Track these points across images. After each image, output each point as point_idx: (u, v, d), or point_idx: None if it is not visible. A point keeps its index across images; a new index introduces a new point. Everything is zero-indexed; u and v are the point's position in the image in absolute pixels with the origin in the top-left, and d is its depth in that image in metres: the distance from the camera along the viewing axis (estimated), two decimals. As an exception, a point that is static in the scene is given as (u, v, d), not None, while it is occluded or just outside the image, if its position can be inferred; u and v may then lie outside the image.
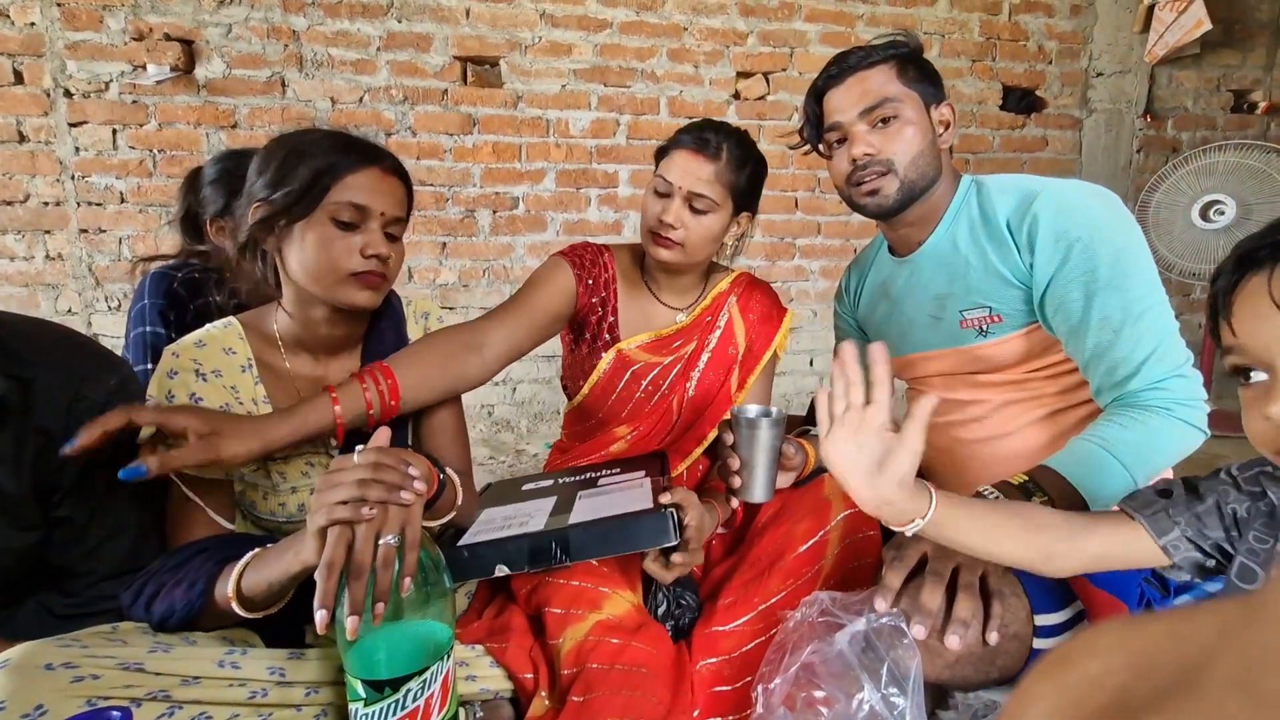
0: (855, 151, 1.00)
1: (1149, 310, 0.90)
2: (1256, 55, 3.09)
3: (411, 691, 0.70)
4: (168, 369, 0.88)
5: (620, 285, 1.23)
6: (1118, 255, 0.91)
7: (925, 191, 1.02)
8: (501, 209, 2.66)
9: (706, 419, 1.24)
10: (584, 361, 1.23)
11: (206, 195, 1.32)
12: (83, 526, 0.78)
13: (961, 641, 0.72)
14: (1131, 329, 0.89)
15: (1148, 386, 0.88)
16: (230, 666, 0.73)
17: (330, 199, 0.85)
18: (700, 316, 1.23)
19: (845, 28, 2.80)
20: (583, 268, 1.20)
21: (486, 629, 0.94)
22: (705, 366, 1.22)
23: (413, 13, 2.50)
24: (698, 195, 1.09)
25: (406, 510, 0.71)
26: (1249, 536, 0.66)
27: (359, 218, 0.87)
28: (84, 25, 2.30)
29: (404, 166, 0.95)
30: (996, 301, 0.99)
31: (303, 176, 0.84)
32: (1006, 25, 2.91)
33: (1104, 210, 0.94)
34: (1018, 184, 1.01)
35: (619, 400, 1.22)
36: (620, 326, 1.22)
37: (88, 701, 0.61)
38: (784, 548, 0.97)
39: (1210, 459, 0.82)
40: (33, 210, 2.36)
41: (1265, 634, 0.17)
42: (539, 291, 1.16)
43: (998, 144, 2.98)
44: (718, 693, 0.91)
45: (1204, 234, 2.61)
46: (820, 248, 2.93)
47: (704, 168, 1.09)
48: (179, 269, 1.32)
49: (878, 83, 0.99)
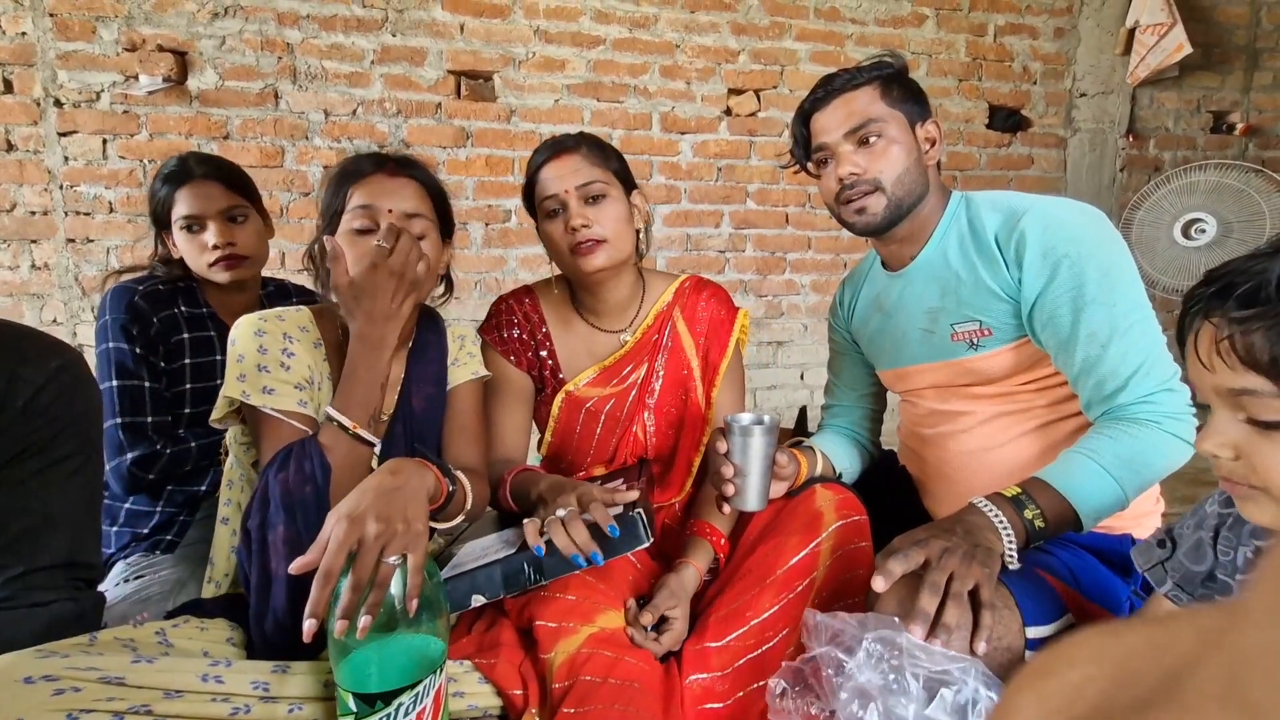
0: (841, 171, 1.02)
1: (1136, 325, 0.91)
2: (1235, 78, 3.16)
3: (403, 705, 0.69)
4: (253, 330, 0.92)
5: (553, 326, 1.19)
6: (1104, 271, 0.92)
7: (913, 208, 1.04)
8: (494, 222, 2.67)
9: (685, 443, 1.20)
10: (540, 410, 1.21)
11: (151, 202, 1.32)
12: (3, 516, 0.72)
13: (944, 646, 0.73)
14: (1119, 343, 0.90)
15: (1136, 400, 0.89)
16: (214, 681, 0.72)
17: (350, 208, 0.94)
18: (645, 337, 1.18)
19: (835, 47, 2.84)
20: (505, 341, 1.17)
21: (475, 644, 0.93)
22: (660, 392, 1.18)
23: (407, 27, 2.51)
24: (584, 184, 1.06)
25: (411, 534, 0.73)
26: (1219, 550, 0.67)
27: (371, 218, 0.94)
28: (76, 36, 2.30)
29: (423, 167, 1.01)
30: (986, 315, 1.00)
31: (330, 192, 0.96)
32: (992, 46, 2.97)
33: (1090, 227, 0.96)
34: (1006, 200, 1.03)
35: (581, 440, 1.20)
36: (563, 367, 1.18)
37: (68, 715, 0.60)
38: (775, 561, 0.97)
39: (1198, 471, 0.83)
40: (19, 219, 2.34)
41: (1247, 642, 0.17)
42: (499, 386, 1.17)
43: (985, 162, 3.03)
44: (708, 709, 0.90)
45: (1186, 251, 2.66)
46: (811, 262, 2.96)
47: (572, 161, 1.07)
48: (139, 282, 1.31)
49: (862, 103, 1.01)
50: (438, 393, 1.05)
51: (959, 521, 0.83)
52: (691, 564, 1.04)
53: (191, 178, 1.29)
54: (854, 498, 1.03)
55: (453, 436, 1.08)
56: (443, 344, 1.09)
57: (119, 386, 1.23)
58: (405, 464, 0.83)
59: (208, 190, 1.29)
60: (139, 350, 1.25)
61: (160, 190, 1.30)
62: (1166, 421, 0.88)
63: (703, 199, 2.82)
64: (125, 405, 1.23)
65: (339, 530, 0.72)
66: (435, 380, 1.05)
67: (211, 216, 1.29)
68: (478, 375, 1.11)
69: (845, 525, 0.99)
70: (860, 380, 1.28)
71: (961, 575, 0.76)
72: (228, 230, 1.30)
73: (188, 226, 1.29)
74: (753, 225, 2.88)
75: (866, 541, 1.01)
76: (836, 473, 1.20)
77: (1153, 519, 1.03)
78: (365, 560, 0.70)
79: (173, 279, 1.34)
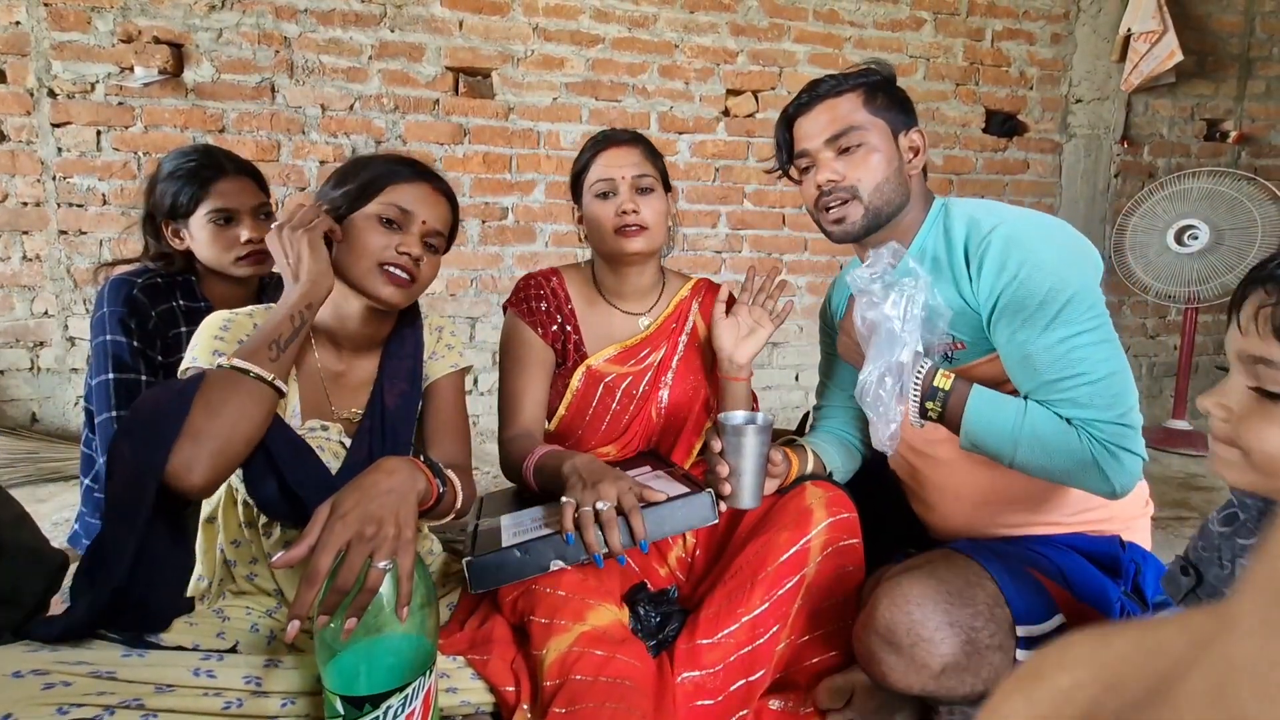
0: (820, 178, 1.01)
1: (1091, 353, 0.87)
2: (1228, 86, 3.19)
3: (392, 708, 0.69)
4: (221, 323, 0.92)
5: (577, 304, 1.26)
6: (1055, 296, 0.88)
7: (892, 217, 1.02)
8: (491, 219, 2.66)
9: (689, 429, 1.25)
10: (558, 383, 1.25)
11: (160, 193, 1.30)
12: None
13: None
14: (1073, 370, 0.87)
15: (1087, 422, 0.87)
16: (205, 675, 0.71)
17: (381, 199, 0.95)
18: (665, 324, 1.27)
19: (833, 50, 2.85)
20: (533, 312, 1.23)
21: (469, 640, 0.93)
22: (677, 371, 1.25)
23: (406, 23, 2.51)
24: (641, 176, 1.17)
25: (402, 539, 0.73)
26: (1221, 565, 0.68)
27: (403, 220, 0.95)
28: (71, 26, 2.28)
29: (454, 193, 1.05)
30: (958, 329, 0.98)
31: (362, 179, 0.96)
32: (989, 51, 2.99)
33: (1053, 249, 0.90)
34: (981, 210, 0.99)
35: (595, 416, 1.24)
36: (586, 343, 1.25)
37: (59, 709, 0.59)
38: (765, 557, 0.97)
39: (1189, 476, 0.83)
40: (10, 210, 2.32)
41: (1237, 647, 0.17)
42: (523, 356, 1.22)
43: (980, 166, 3.04)
44: (700, 707, 0.90)
45: (1179, 258, 2.67)
46: (807, 264, 2.96)
47: (632, 154, 1.18)
48: (138, 275, 1.30)
49: (844, 110, 1.00)
50: (411, 390, 1.04)
51: None
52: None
53: (225, 172, 1.31)
54: (844, 495, 1.04)
55: (436, 433, 1.07)
56: (418, 338, 1.08)
57: (115, 380, 1.23)
58: (400, 463, 0.83)
59: (242, 185, 1.32)
60: (136, 344, 1.24)
61: (179, 183, 1.28)
62: (1099, 446, 0.85)
63: (700, 199, 2.83)
64: (121, 398, 1.22)
65: (329, 531, 0.71)
66: (409, 377, 1.04)
67: (246, 212, 1.32)
68: (457, 367, 1.11)
69: (835, 522, 0.99)
70: (850, 382, 1.28)
71: None
72: (259, 226, 1.33)
73: (218, 220, 1.30)
74: (749, 226, 2.89)
75: (856, 538, 1.02)
76: (827, 471, 1.20)
77: (1142, 522, 1.03)
78: (354, 562, 0.69)
79: (171, 272, 1.33)
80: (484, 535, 0.95)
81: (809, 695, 0.97)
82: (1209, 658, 0.18)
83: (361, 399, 1.01)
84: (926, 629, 0.82)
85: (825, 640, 1.00)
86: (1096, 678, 0.21)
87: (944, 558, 0.93)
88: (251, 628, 0.90)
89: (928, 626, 0.82)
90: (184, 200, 1.28)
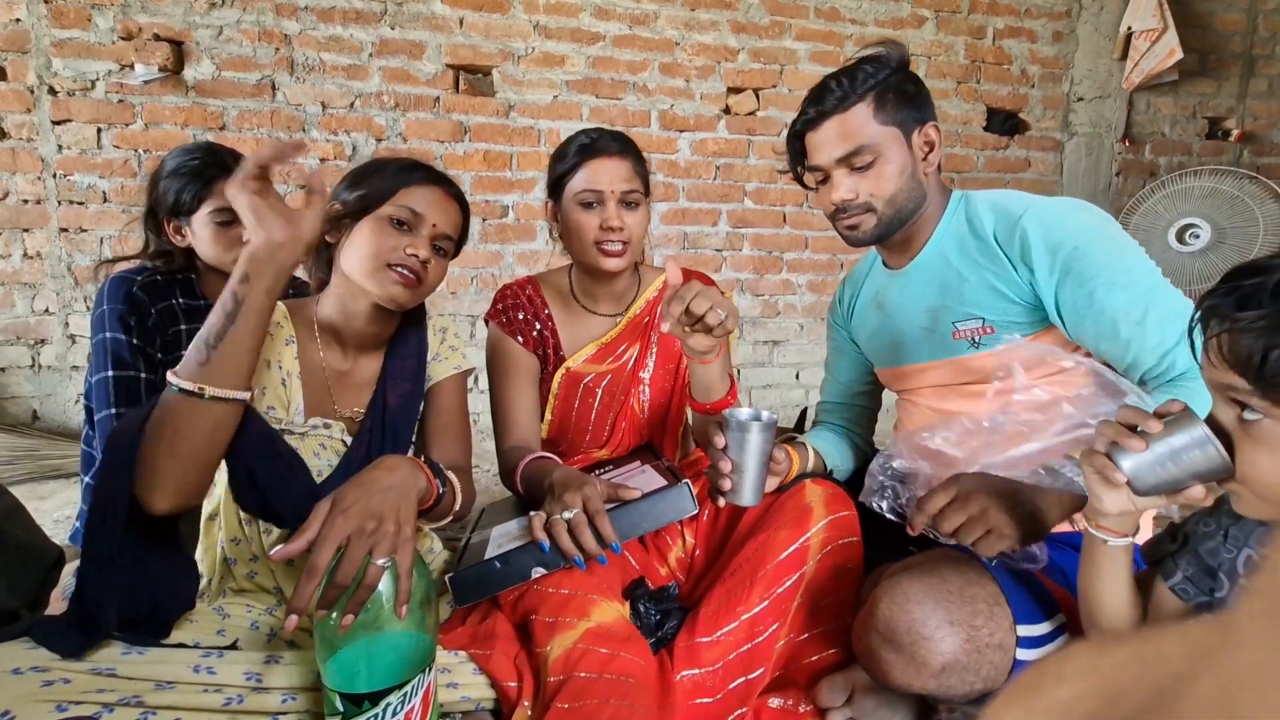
0: (835, 197, 1.02)
1: (1163, 296, 0.90)
2: (1230, 85, 3.18)
3: (391, 706, 0.69)
4: None
5: (554, 310, 1.26)
6: (1113, 253, 0.92)
7: (908, 220, 1.05)
8: (491, 217, 2.66)
9: (674, 417, 1.28)
10: (540, 388, 1.25)
11: (163, 190, 1.30)
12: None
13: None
14: (1154, 317, 0.89)
15: (1188, 368, 0.88)
16: (205, 671, 0.71)
17: (393, 201, 0.96)
18: (637, 319, 1.26)
19: (834, 47, 2.84)
20: (512, 322, 1.23)
21: (470, 635, 0.92)
22: (655, 364, 1.26)
23: (406, 20, 2.50)
24: (628, 192, 1.14)
25: (401, 536, 0.73)
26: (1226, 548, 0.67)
27: (413, 222, 0.96)
28: (71, 23, 2.28)
29: (467, 200, 1.05)
30: (989, 313, 1.00)
31: (376, 181, 0.96)
32: (991, 49, 2.98)
33: (1085, 215, 0.97)
34: (1003, 200, 1.03)
35: (580, 418, 1.25)
36: (565, 347, 1.25)
37: (57, 706, 0.59)
38: (765, 555, 0.97)
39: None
40: (11, 208, 2.32)
41: (1240, 657, 0.17)
42: (508, 367, 1.22)
43: (982, 164, 3.04)
44: (699, 705, 0.90)
45: (1181, 256, 2.67)
46: (808, 262, 2.96)
47: (622, 167, 1.14)
48: (138, 272, 1.30)
49: (854, 125, 0.98)
50: (414, 390, 1.04)
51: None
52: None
53: (229, 171, 1.27)
54: (843, 493, 1.04)
55: (437, 435, 1.07)
56: (423, 339, 1.08)
57: (114, 377, 1.23)
58: (401, 461, 0.83)
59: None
60: (136, 341, 1.24)
61: (183, 181, 1.28)
62: None
63: (700, 197, 2.82)
64: (120, 396, 1.22)
65: (330, 525, 0.71)
66: (412, 377, 1.04)
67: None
68: (460, 369, 1.11)
69: (834, 520, 0.99)
70: (857, 379, 1.28)
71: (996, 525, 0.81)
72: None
73: (220, 219, 1.29)
74: (750, 224, 2.88)
75: (856, 537, 1.02)
76: (827, 469, 1.20)
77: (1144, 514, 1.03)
78: (353, 557, 0.70)
79: (171, 270, 1.33)
80: (473, 548, 0.97)
81: (808, 693, 0.97)
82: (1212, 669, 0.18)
83: (364, 398, 1.01)
84: (927, 627, 0.82)
85: (824, 638, 0.99)
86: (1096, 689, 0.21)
87: (944, 556, 0.92)
88: (251, 625, 0.90)
89: (928, 625, 0.82)
90: (187, 198, 1.28)
